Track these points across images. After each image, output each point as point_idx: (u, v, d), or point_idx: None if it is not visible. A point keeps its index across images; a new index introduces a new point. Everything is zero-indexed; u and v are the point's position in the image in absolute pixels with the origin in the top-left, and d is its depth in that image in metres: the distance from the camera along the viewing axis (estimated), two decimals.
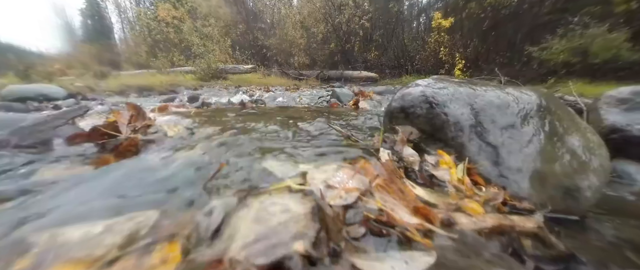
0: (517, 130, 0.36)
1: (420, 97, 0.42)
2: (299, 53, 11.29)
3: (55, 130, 0.49)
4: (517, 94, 0.40)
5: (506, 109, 0.37)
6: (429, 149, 0.37)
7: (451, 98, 0.40)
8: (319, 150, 0.38)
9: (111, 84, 3.50)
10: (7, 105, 2.33)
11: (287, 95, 3.02)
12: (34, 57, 36.54)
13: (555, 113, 0.41)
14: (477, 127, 0.35)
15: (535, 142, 0.35)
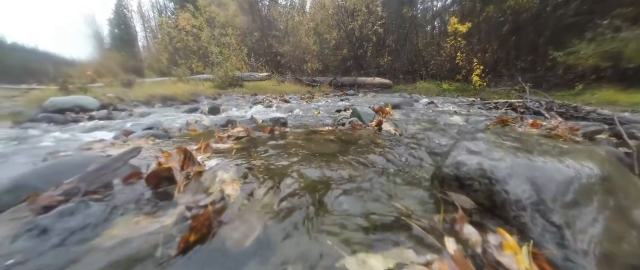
0: (581, 208, 0.35)
1: (478, 171, 0.41)
2: (312, 59, 11.43)
3: (115, 172, 0.53)
4: (578, 167, 0.39)
5: (569, 185, 0.36)
6: (487, 223, 0.37)
7: (511, 172, 0.39)
8: (374, 236, 0.37)
9: (138, 93, 3.71)
10: (49, 117, 2.54)
11: (303, 107, 3.06)
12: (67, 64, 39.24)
13: (618, 184, 0.39)
14: (539, 205, 0.35)
15: (601, 220, 0.34)
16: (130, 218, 0.42)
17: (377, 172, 0.62)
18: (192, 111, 3.09)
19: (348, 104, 3.48)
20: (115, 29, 32.39)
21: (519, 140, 0.51)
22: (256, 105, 3.16)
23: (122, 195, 0.49)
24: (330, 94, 7.02)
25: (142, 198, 0.49)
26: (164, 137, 1.11)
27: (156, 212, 0.44)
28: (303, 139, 0.96)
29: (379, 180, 0.57)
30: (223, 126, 1.52)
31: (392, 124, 1.37)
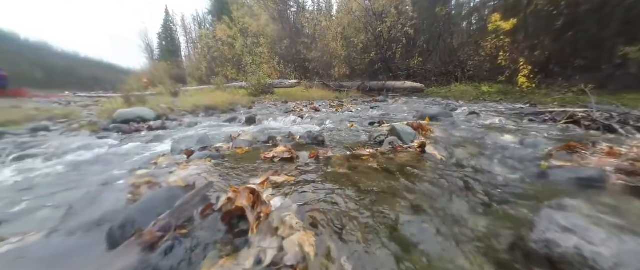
0: None
1: (576, 256, 0.37)
2: (339, 64, 11.46)
3: (195, 206, 0.61)
4: None
5: None
6: None
7: (618, 262, 0.35)
8: None
9: (185, 103, 4.11)
10: (118, 127, 2.97)
11: (334, 117, 3.08)
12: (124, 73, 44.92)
13: None
14: None
15: None
16: (215, 257, 0.48)
17: (442, 229, 0.60)
18: (232, 121, 3.32)
19: (380, 114, 3.41)
20: (163, 42, 36.46)
21: (618, 212, 0.45)
22: (289, 116, 3.27)
23: (203, 231, 0.55)
24: (358, 99, 6.94)
25: (220, 234, 0.55)
26: (218, 158, 1.22)
27: (235, 252, 0.50)
28: (347, 167, 0.97)
29: (448, 245, 0.53)
30: (265, 143, 1.61)
31: (435, 144, 1.31)
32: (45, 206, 0.85)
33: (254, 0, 14.01)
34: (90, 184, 1.13)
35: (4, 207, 0.92)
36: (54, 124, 3.34)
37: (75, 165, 1.64)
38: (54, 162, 1.77)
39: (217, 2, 25.71)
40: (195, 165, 1.10)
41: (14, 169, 1.64)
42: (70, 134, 2.85)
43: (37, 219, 0.72)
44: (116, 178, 1.11)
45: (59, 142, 2.39)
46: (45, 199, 0.98)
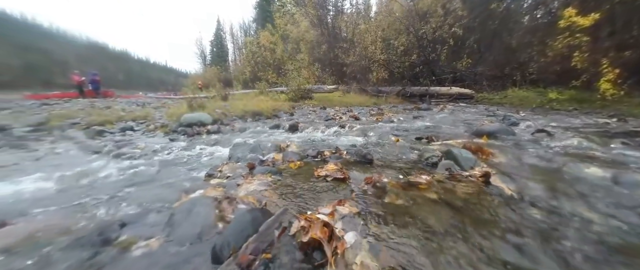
0: None
1: None
2: (377, 68, 11.18)
3: (275, 231, 0.69)
4: None
5: None
6: None
7: None
8: None
9: (235, 109, 4.53)
10: (184, 129, 3.45)
11: (376, 129, 3.03)
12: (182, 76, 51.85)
13: None
14: None
15: None
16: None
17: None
18: (276, 127, 3.55)
19: (426, 126, 3.22)
20: (214, 48, 40.77)
21: None
22: (330, 126, 3.33)
23: (284, 257, 0.62)
24: (398, 106, 6.66)
25: (299, 263, 0.61)
26: (276, 173, 1.33)
27: None
28: (405, 197, 0.97)
29: None
30: (314, 157, 1.68)
31: (501, 174, 1.21)
32: (150, 209, 1.05)
33: (295, 8, 14.65)
34: (178, 188, 1.35)
35: (121, 206, 1.17)
36: (137, 124, 4.04)
37: (160, 166, 1.96)
38: (143, 161, 2.15)
39: (262, 11, 27.66)
40: (259, 180, 1.22)
41: (115, 166, 2.04)
42: (149, 134, 3.42)
43: (149, 223, 0.90)
44: (197, 184, 1.31)
45: (143, 142, 2.89)
46: (148, 200, 1.21)
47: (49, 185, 1.69)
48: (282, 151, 2.05)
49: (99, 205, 1.24)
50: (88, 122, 3.94)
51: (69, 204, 1.33)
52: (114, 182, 1.70)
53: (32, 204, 1.37)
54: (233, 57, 38.81)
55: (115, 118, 4.36)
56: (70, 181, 1.75)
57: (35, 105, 8.18)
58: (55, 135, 3.39)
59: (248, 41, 20.99)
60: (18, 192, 1.58)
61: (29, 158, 2.39)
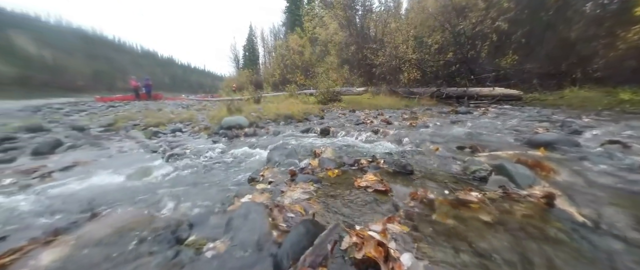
0: None
1: None
2: (409, 68, 10.70)
3: (328, 245, 0.72)
4: None
5: None
6: None
7: None
8: None
9: (268, 111, 4.75)
10: (224, 132, 3.74)
11: (412, 135, 2.92)
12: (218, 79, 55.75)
13: None
14: None
15: None
16: None
17: None
18: (308, 131, 3.63)
19: (467, 133, 3.00)
20: (246, 53, 43.21)
21: None
22: (362, 130, 3.31)
23: None
24: (433, 109, 6.28)
25: None
26: (317, 182, 1.38)
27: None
28: (455, 217, 0.93)
29: None
30: (351, 166, 1.69)
31: (566, 195, 1.08)
32: (209, 210, 1.18)
33: (324, 11, 14.79)
34: (228, 190, 1.48)
35: (183, 205, 1.32)
36: (184, 126, 4.50)
37: (208, 167, 2.16)
38: (193, 161, 2.39)
39: (291, 15, 28.50)
40: (301, 188, 1.28)
41: (171, 165, 2.30)
42: (195, 136, 3.79)
43: (211, 225, 1.01)
44: (244, 188, 1.42)
45: (191, 143, 3.22)
46: (204, 200, 1.35)
47: (122, 180, 1.98)
48: (318, 157, 2.11)
49: (165, 203, 1.42)
50: (145, 124, 4.51)
51: (140, 199, 1.55)
52: (172, 181, 1.92)
53: (112, 197, 1.63)
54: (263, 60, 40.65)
55: (166, 120, 4.91)
56: (138, 177, 2.03)
57: (103, 107, 9.59)
58: (121, 135, 3.95)
59: (278, 45, 21.82)
60: (100, 185, 1.88)
61: (104, 155, 2.83)
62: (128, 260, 0.85)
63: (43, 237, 1.09)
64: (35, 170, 2.28)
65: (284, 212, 0.97)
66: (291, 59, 18.27)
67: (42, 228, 1.27)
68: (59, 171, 2.22)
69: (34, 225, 1.35)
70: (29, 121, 4.69)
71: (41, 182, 2.01)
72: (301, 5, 26.43)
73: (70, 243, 0.98)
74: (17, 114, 7.76)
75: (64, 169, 2.27)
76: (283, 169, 1.81)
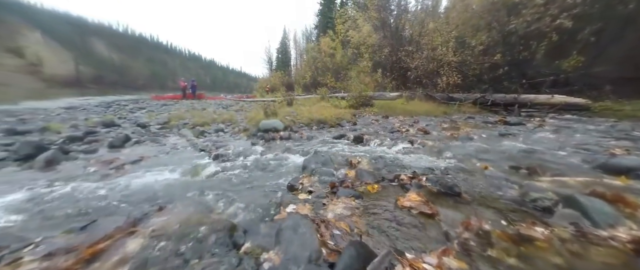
0: None
1: None
2: (448, 72, 9.99)
3: None
4: None
5: None
6: None
7: None
8: None
9: (301, 115, 4.88)
10: (262, 135, 3.97)
11: (454, 147, 2.73)
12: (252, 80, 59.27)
13: None
14: None
15: None
16: None
17: None
18: (341, 137, 3.65)
19: (521, 150, 2.68)
20: (279, 55, 45.01)
21: None
22: (397, 139, 3.20)
23: None
24: (476, 117, 5.76)
25: None
26: (358, 197, 1.38)
27: None
28: (516, 255, 0.85)
29: None
30: (391, 181, 1.66)
31: None
32: (257, 217, 1.27)
33: (358, 13, 14.65)
34: (270, 196, 1.57)
35: (232, 208, 1.43)
36: (226, 126, 4.88)
37: (249, 169, 2.32)
38: (236, 163, 2.58)
39: (323, 18, 28.86)
40: (343, 203, 1.29)
41: (217, 166, 2.51)
42: (236, 137, 4.09)
43: (262, 233, 1.09)
44: (287, 197, 1.49)
45: (232, 144, 3.49)
46: (251, 204, 1.45)
47: (178, 176, 2.24)
48: (354, 168, 2.11)
49: (217, 203, 1.57)
50: (194, 123, 5.01)
51: (196, 196, 1.74)
52: (219, 181, 2.10)
53: (172, 192, 1.85)
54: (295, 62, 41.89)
55: (210, 120, 5.38)
56: (191, 175, 2.27)
57: (158, 105, 10.91)
58: (174, 132, 4.45)
59: (309, 47, 22.28)
60: (161, 180, 2.15)
61: (162, 151, 3.21)
62: (194, 258, 0.97)
63: (125, 226, 1.31)
64: (111, 161, 2.71)
65: (331, 229, 1.00)
66: (322, 62, 18.49)
67: (122, 215, 1.51)
68: (130, 164, 2.59)
69: (115, 212, 1.61)
70: (104, 117, 5.58)
71: (117, 173, 2.38)
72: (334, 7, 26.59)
73: (147, 234, 1.15)
74: (95, 108, 9.28)
75: (133, 162, 2.65)
76: (321, 179, 1.85)
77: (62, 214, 1.60)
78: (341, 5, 24.89)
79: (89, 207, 1.68)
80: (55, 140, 3.38)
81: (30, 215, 1.58)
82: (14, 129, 4.15)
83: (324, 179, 1.83)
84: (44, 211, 1.65)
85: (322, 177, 1.89)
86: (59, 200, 1.79)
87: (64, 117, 6.49)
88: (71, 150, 3.04)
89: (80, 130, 4.08)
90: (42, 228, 1.44)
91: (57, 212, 1.63)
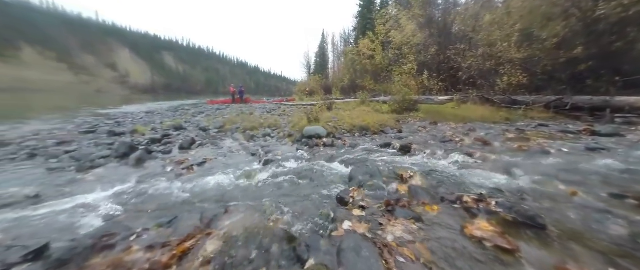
0: None
1: None
2: (510, 70, 8.69)
3: None
4: None
5: None
6: None
7: None
8: None
9: (343, 121, 4.88)
10: (306, 141, 4.11)
11: (525, 163, 2.35)
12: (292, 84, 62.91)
13: None
14: None
15: None
16: None
17: None
18: (386, 146, 3.51)
19: (622, 170, 2.15)
20: (317, 59, 46.06)
21: None
22: (450, 151, 2.92)
23: None
24: (550, 125, 4.84)
25: None
26: (418, 219, 1.30)
27: None
28: None
29: None
30: (452, 202, 1.52)
31: None
32: (314, 229, 1.31)
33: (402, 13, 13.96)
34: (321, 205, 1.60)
35: (289, 219, 1.51)
36: (272, 131, 5.21)
37: (298, 176, 2.41)
38: (285, 169, 2.71)
39: (362, 20, 28.43)
40: (402, 225, 1.24)
41: (269, 171, 2.68)
42: (282, 142, 4.32)
43: (323, 250, 1.12)
44: (341, 213, 1.50)
45: (280, 150, 3.70)
46: (305, 214, 1.51)
47: (235, 180, 2.46)
48: (405, 183, 2.00)
49: (273, 210, 1.67)
50: (244, 127, 5.49)
51: (253, 201, 1.89)
52: (271, 187, 2.24)
53: (233, 195, 2.05)
54: (332, 65, 42.20)
55: (257, 125, 5.82)
56: (246, 179, 2.47)
57: (213, 109, 12.30)
58: (229, 136, 4.95)
59: (348, 50, 22.17)
60: (222, 182, 2.39)
61: (221, 154, 3.59)
62: (263, 266, 1.05)
63: (202, 226, 1.51)
64: (182, 162, 3.16)
65: (395, 255, 0.97)
66: (361, 64, 18.19)
67: (196, 213, 1.74)
68: (197, 166, 2.97)
69: (191, 210, 1.85)
70: (174, 121, 6.56)
71: (188, 173, 2.76)
72: (373, 8, 25.93)
73: (221, 237, 1.30)
74: (166, 112, 11.01)
75: (199, 164, 3.03)
76: (371, 193, 1.81)
77: (151, 208, 1.93)
78: (381, 5, 24.15)
79: (170, 203, 1.99)
80: (142, 142, 4.11)
81: (129, 206, 1.95)
82: (113, 130, 5.21)
83: (375, 194, 1.79)
84: (138, 204, 2.01)
85: (372, 191, 1.85)
86: (147, 194, 2.16)
87: (146, 120, 7.86)
88: (153, 150, 3.65)
89: (158, 133, 4.88)
90: (139, 218, 1.76)
91: (148, 205, 1.97)
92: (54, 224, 1.67)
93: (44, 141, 4.33)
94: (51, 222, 1.69)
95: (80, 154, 3.35)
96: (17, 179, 2.60)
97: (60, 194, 2.15)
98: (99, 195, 2.10)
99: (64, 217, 1.75)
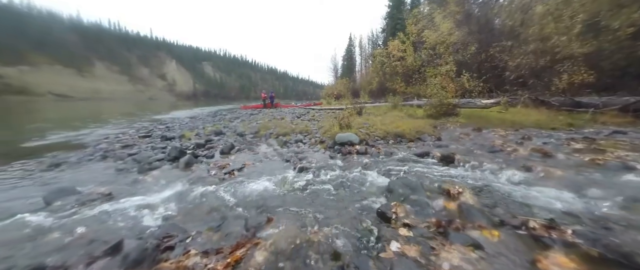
0: None
1: None
2: (571, 68, 7.53)
3: None
4: None
5: None
6: None
7: None
8: None
9: (375, 127, 4.74)
10: (338, 148, 4.09)
11: (600, 180, 2.00)
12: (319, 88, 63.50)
13: None
14: None
15: None
16: None
17: None
18: (424, 156, 3.31)
19: None
20: (345, 62, 45.93)
21: None
22: (501, 163, 2.61)
23: None
24: (628, 132, 4.02)
25: None
26: (478, 246, 1.18)
27: None
28: None
29: None
30: (517, 228, 1.34)
31: None
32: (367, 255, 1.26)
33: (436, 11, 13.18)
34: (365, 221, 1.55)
35: (327, 230, 1.48)
36: (304, 136, 5.31)
37: (333, 185, 2.39)
38: (319, 178, 2.71)
39: (391, 20, 27.59)
40: (459, 251, 1.13)
41: (303, 178, 2.71)
42: (314, 148, 4.36)
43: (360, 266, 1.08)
44: (386, 231, 1.44)
45: (313, 156, 3.73)
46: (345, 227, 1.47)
47: (272, 187, 2.52)
48: (454, 200, 1.84)
49: (312, 222, 1.68)
50: (277, 133, 5.69)
51: (293, 211, 1.92)
52: (308, 195, 2.26)
53: (272, 203, 2.10)
54: (359, 68, 41.65)
55: (289, 130, 5.98)
56: (282, 186, 2.53)
57: (247, 114, 13.04)
58: (263, 141, 5.18)
59: (376, 53, 21.63)
60: (261, 189, 2.47)
61: (257, 159, 3.75)
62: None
63: (249, 235, 1.58)
64: (224, 166, 3.38)
65: None
66: (391, 66, 17.58)
67: (241, 219, 1.83)
68: (237, 170, 3.15)
69: (236, 215, 1.96)
70: (215, 127, 7.11)
71: (230, 177, 2.93)
72: (403, 8, 25.01)
73: (267, 248, 1.34)
74: (206, 118, 12.03)
75: (239, 168, 3.21)
76: (415, 209, 1.71)
77: (201, 211, 2.08)
78: (412, 5, 23.17)
79: (216, 206, 2.12)
80: (189, 146, 4.52)
81: (182, 209, 2.13)
82: (165, 135, 5.85)
83: (420, 211, 1.68)
84: (188, 206, 2.19)
85: (415, 208, 1.74)
86: (196, 197, 2.34)
87: (190, 125, 8.68)
88: (198, 154, 3.98)
89: (202, 138, 5.33)
90: (191, 220, 1.92)
91: (198, 208, 2.13)
92: (124, 220, 1.90)
93: (113, 144, 5.04)
94: (121, 219, 1.93)
95: (141, 157, 3.81)
96: (94, 178, 3.05)
97: (127, 193, 2.46)
98: (156, 196, 2.34)
99: (131, 215, 1.98)
